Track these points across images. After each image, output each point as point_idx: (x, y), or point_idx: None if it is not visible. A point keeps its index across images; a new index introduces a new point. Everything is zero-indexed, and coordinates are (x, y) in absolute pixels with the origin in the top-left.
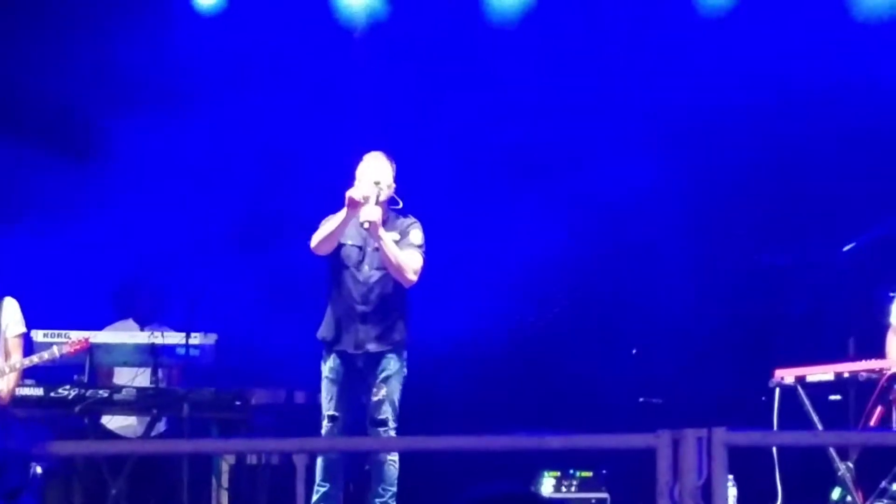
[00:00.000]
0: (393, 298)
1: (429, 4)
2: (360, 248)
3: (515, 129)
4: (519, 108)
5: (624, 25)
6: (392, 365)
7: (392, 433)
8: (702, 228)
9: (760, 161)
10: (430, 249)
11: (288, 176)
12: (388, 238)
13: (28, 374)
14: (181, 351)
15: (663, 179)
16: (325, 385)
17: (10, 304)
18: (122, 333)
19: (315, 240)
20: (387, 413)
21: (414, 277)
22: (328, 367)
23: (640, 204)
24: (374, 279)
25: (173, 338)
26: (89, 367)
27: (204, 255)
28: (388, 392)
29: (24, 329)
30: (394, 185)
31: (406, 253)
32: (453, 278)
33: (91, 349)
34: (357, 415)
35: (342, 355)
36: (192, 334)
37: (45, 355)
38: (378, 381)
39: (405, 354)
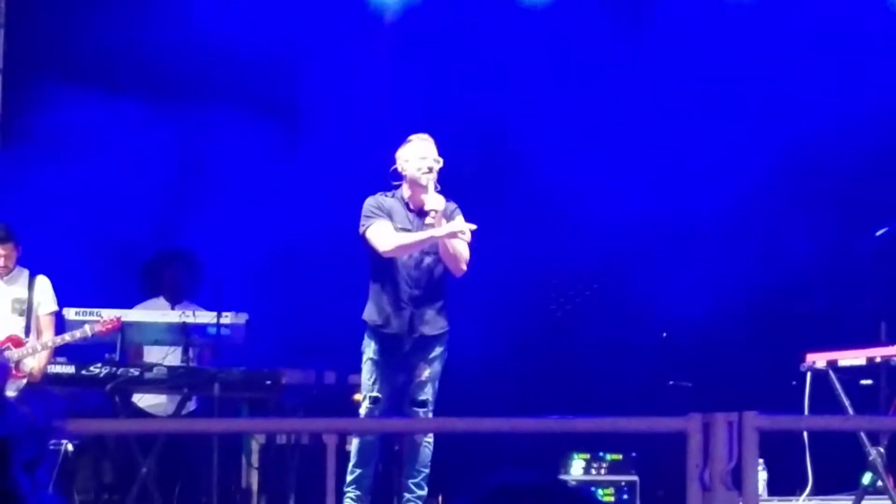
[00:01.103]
0: (442, 283)
1: None
2: (411, 231)
3: (543, 118)
4: (543, 98)
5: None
6: (439, 348)
7: (430, 415)
8: (734, 212)
9: (793, 145)
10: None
11: (319, 156)
12: (448, 228)
13: (60, 352)
14: (212, 330)
15: (694, 163)
16: (368, 366)
17: (43, 281)
18: (153, 312)
19: (393, 244)
20: (428, 394)
21: (465, 268)
22: (373, 349)
23: (670, 187)
24: (426, 263)
25: (205, 317)
26: (120, 346)
27: (235, 235)
28: (431, 374)
29: (55, 307)
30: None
31: (459, 243)
32: (483, 260)
33: (122, 328)
34: (395, 397)
35: (390, 338)
36: (224, 314)
37: (77, 334)
38: (424, 362)
39: (447, 339)
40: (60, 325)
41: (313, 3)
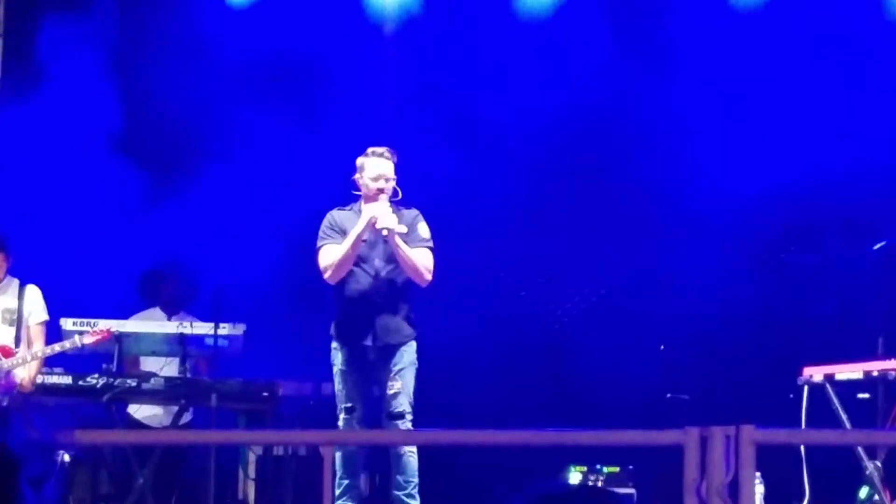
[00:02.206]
0: (404, 291)
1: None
2: (366, 241)
3: (545, 125)
4: (548, 104)
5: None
6: (406, 357)
7: (409, 425)
8: (731, 225)
9: (790, 159)
10: (460, 242)
11: (317, 168)
12: (404, 245)
13: (57, 362)
14: (210, 341)
15: (693, 177)
16: (338, 378)
17: (33, 291)
18: (150, 323)
19: (328, 271)
20: (403, 406)
21: (430, 277)
22: (340, 359)
23: (668, 201)
24: (385, 272)
25: (202, 328)
26: (117, 357)
27: (232, 245)
28: (403, 385)
29: (46, 317)
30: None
31: (419, 253)
32: (480, 271)
33: (119, 338)
34: (372, 406)
35: (355, 349)
36: (221, 325)
37: (68, 344)
38: (393, 374)
39: (416, 346)
40: (55, 334)
41: (315, 17)
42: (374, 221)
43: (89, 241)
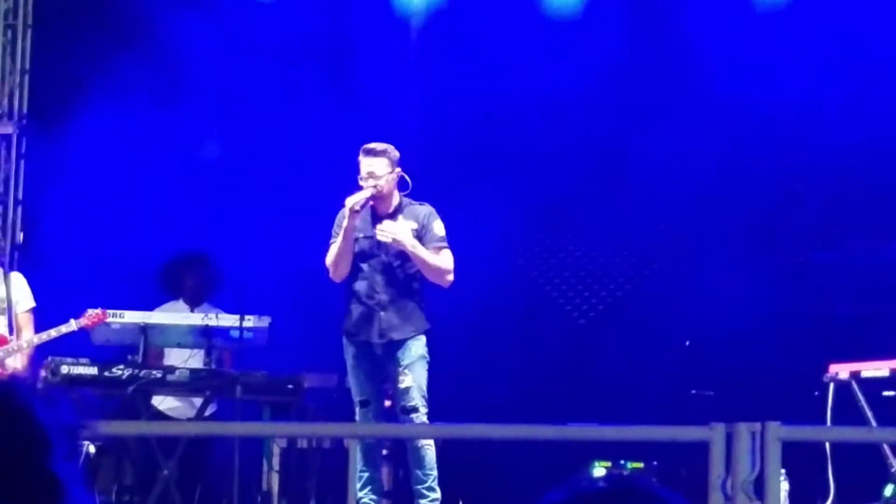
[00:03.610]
0: (410, 285)
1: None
2: (371, 238)
3: (570, 120)
4: (573, 99)
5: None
6: (414, 351)
7: (424, 419)
8: (759, 222)
9: (817, 156)
10: (482, 236)
11: (342, 160)
12: (421, 250)
13: (82, 352)
14: (235, 333)
15: (718, 175)
16: (350, 373)
17: (17, 278)
18: (177, 315)
19: (329, 269)
20: (415, 400)
21: (451, 278)
22: (350, 354)
23: (694, 199)
24: (390, 268)
25: (227, 320)
26: (143, 348)
27: (258, 238)
28: (413, 378)
29: (33, 303)
30: (395, 171)
31: (437, 256)
32: (504, 265)
33: (144, 330)
34: (389, 400)
35: (362, 345)
36: (247, 317)
37: (63, 329)
38: (401, 368)
39: (425, 340)
40: (44, 322)
41: (341, 10)
42: (353, 206)
43: (112, 233)
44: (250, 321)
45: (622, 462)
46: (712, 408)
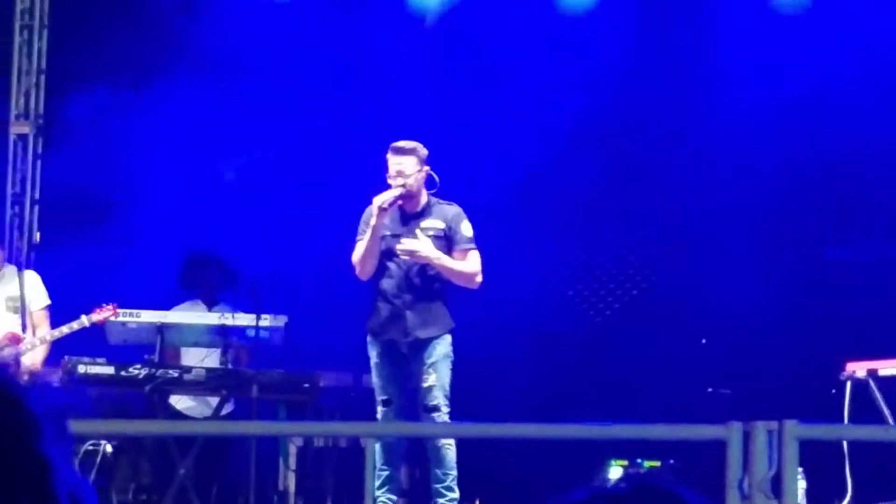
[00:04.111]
0: (435, 285)
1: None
2: (398, 236)
3: (586, 121)
4: (589, 100)
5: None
6: (438, 350)
7: (445, 418)
8: (774, 220)
9: (831, 154)
10: (500, 235)
11: (358, 158)
12: (445, 260)
13: (99, 352)
14: (251, 333)
15: (733, 173)
16: (374, 371)
17: (32, 277)
18: (192, 314)
19: (356, 267)
20: (438, 399)
21: (480, 280)
22: (375, 353)
23: (710, 197)
24: (415, 267)
25: (244, 319)
26: (159, 348)
27: (274, 237)
28: (436, 378)
29: (48, 301)
30: (424, 170)
31: (465, 261)
32: (521, 265)
33: (161, 329)
34: (410, 399)
35: (387, 343)
36: (263, 316)
37: (75, 325)
38: (426, 367)
39: (450, 339)
40: (59, 319)
41: (356, 9)
42: (381, 204)
43: (129, 232)
44: (266, 320)
45: (638, 461)
46: (729, 406)
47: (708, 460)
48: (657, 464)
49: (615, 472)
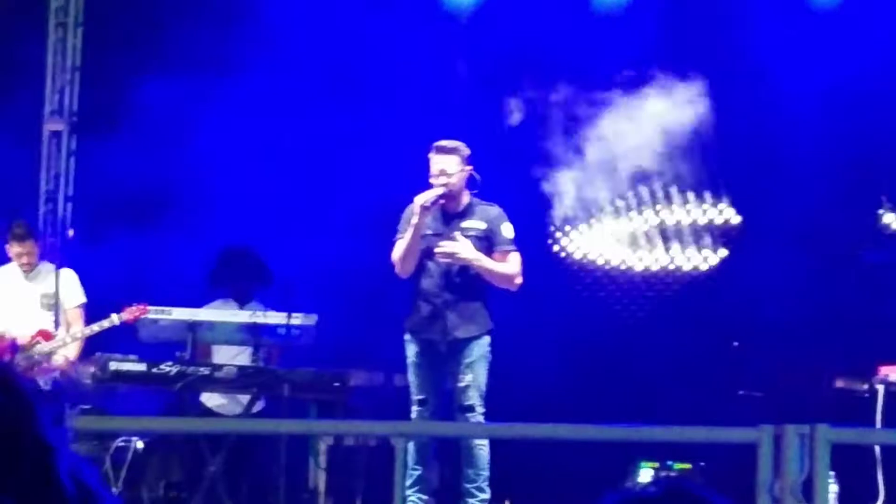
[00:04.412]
0: (476, 284)
1: None
2: (440, 235)
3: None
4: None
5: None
6: (476, 351)
7: (480, 418)
8: (811, 220)
9: (868, 155)
10: (531, 236)
11: (390, 155)
12: (485, 262)
13: (130, 349)
14: (282, 331)
15: (766, 173)
16: (410, 370)
17: (67, 274)
18: (224, 312)
19: (396, 265)
20: (473, 399)
21: (519, 281)
22: (412, 352)
23: (742, 197)
24: (455, 267)
25: (275, 318)
26: (191, 345)
27: (304, 235)
28: (473, 378)
29: (83, 299)
30: (466, 169)
31: (505, 262)
32: (552, 267)
33: (192, 327)
34: (445, 399)
35: (425, 342)
36: (294, 314)
37: (106, 323)
38: (463, 367)
39: (489, 339)
40: (90, 315)
41: (389, 5)
42: (423, 203)
43: (162, 229)
44: (297, 319)
45: (669, 463)
46: (761, 409)
47: (739, 463)
48: (688, 466)
49: (645, 474)
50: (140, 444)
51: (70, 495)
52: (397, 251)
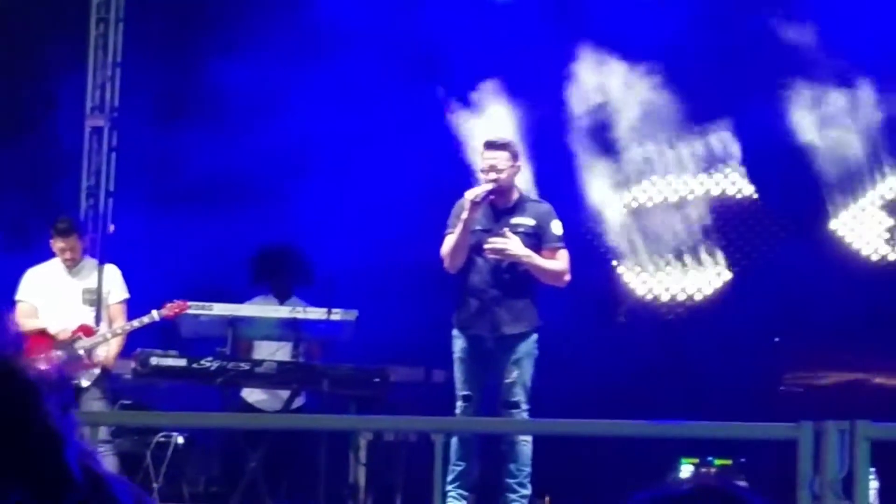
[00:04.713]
0: (524, 281)
1: None
2: (489, 231)
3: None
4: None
5: None
6: (523, 347)
7: (525, 415)
8: None
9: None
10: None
11: (431, 148)
12: (535, 259)
13: (171, 345)
14: (322, 327)
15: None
16: (457, 365)
17: (111, 270)
18: (264, 307)
19: (445, 260)
20: (518, 395)
21: (568, 278)
22: (459, 347)
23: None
24: (504, 263)
25: (315, 313)
26: (231, 341)
27: (345, 231)
28: (519, 374)
29: (126, 295)
30: (517, 165)
31: (554, 260)
32: (593, 264)
33: (233, 322)
34: (490, 395)
35: (473, 338)
36: (334, 310)
37: (146, 319)
38: (509, 363)
39: (536, 336)
40: (131, 310)
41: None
42: (473, 199)
43: (202, 226)
44: (337, 315)
45: (709, 459)
46: (801, 405)
47: (780, 459)
48: (728, 462)
49: (686, 470)
50: (180, 440)
51: (80, 483)
52: (446, 246)
